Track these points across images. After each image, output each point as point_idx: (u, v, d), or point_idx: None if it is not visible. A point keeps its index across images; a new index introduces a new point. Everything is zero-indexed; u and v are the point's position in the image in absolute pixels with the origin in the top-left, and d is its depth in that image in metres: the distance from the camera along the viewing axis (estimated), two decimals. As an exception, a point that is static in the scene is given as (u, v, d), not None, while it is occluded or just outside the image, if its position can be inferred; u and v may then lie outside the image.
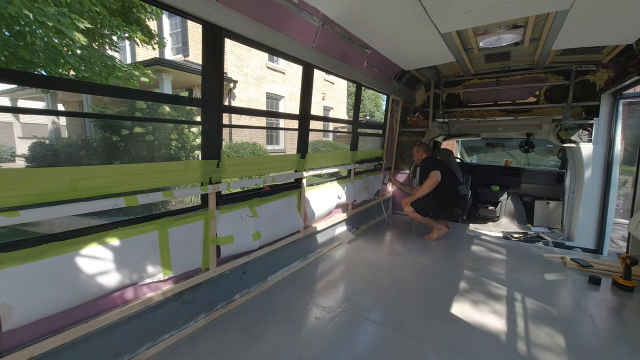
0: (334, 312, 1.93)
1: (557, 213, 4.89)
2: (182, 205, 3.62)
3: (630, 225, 2.61)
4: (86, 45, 4.80)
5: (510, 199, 5.37)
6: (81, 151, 6.86)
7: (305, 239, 2.72)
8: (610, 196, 3.60)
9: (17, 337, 1.14)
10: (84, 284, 1.27)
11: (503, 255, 3.00)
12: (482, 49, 3.00)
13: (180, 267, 1.68)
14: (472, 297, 2.15)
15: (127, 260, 1.42)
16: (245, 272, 2.08)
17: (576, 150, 3.82)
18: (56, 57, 4.40)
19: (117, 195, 1.37)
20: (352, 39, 2.66)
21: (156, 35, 6.38)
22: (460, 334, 1.74)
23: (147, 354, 1.50)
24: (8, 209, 1.07)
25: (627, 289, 2.26)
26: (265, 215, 2.22)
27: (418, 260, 2.86)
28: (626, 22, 2.25)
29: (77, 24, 4.26)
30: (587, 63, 3.39)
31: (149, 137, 6.74)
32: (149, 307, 1.53)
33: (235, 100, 10.16)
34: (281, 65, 11.96)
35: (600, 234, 3.72)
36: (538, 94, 3.81)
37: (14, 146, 13.14)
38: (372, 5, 2.07)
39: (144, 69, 6.01)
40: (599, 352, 1.61)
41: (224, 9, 1.66)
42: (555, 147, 5.42)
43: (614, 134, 3.50)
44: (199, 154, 7.40)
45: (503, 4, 1.99)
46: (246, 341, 1.65)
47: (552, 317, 1.93)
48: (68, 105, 13.66)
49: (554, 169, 5.16)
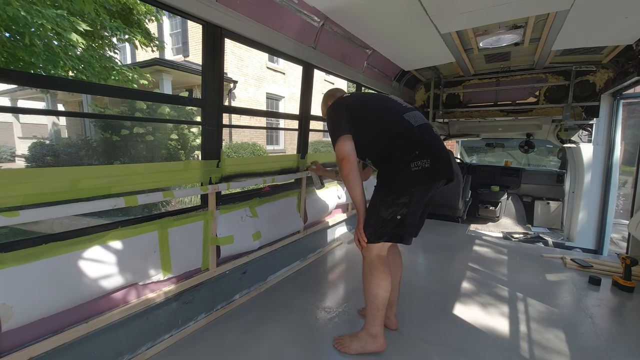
0: (334, 312, 1.93)
1: (557, 213, 4.90)
2: (182, 206, 3.60)
3: (630, 225, 2.61)
4: (85, 47, 4.79)
5: (510, 199, 5.37)
6: (81, 151, 6.86)
7: (305, 239, 2.72)
8: (610, 197, 3.60)
9: (17, 337, 1.14)
10: (84, 284, 1.27)
11: (503, 255, 3.00)
12: (482, 49, 3.00)
13: (180, 267, 1.67)
14: (472, 298, 2.15)
15: (127, 261, 1.42)
16: (245, 272, 2.08)
17: (576, 150, 3.82)
18: (55, 59, 4.41)
19: (117, 195, 1.37)
20: (352, 39, 2.66)
21: (155, 38, 6.38)
22: (460, 334, 1.74)
23: (147, 354, 1.50)
24: (8, 209, 1.07)
25: (627, 289, 2.26)
26: (265, 215, 2.21)
27: (418, 260, 2.86)
28: (626, 22, 2.25)
29: (76, 26, 4.26)
30: (587, 63, 3.39)
31: (149, 137, 6.74)
32: (149, 307, 1.52)
33: (235, 101, 10.16)
34: (281, 66, 11.97)
35: (600, 234, 3.73)
36: (538, 94, 3.81)
37: (14, 146, 13.14)
38: (372, 5, 2.07)
39: (142, 71, 6.01)
40: (599, 352, 1.60)
41: (224, 9, 1.66)
42: (555, 147, 5.42)
43: (614, 134, 3.50)
44: (199, 154, 7.40)
45: (503, 4, 2.00)
46: (246, 341, 1.65)
47: (552, 317, 1.92)
48: (68, 105, 13.66)
49: (554, 169, 5.17)
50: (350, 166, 1.46)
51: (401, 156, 1.41)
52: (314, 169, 2.50)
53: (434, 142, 1.46)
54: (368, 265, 1.52)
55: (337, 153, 1.51)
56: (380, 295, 1.48)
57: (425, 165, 1.37)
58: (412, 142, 1.42)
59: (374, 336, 1.54)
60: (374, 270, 1.50)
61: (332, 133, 1.54)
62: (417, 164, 1.38)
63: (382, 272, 1.49)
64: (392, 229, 1.45)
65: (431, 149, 1.42)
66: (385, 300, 1.50)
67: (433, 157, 1.39)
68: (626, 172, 5.34)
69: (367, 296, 1.52)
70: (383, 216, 1.44)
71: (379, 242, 1.49)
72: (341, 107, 1.60)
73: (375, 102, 1.62)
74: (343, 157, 1.47)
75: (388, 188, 1.45)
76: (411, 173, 1.38)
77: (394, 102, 1.61)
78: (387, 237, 1.47)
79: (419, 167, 1.37)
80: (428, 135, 1.47)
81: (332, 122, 1.58)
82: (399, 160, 1.41)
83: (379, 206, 1.46)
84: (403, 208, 1.42)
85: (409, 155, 1.40)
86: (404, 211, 1.42)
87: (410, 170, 1.38)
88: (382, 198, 1.46)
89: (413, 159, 1.38)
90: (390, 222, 1.44)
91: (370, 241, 1.48)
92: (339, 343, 1.60)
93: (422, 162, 1.37)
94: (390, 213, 1.43)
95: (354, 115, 1.54)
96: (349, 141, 1.49)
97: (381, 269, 1.49)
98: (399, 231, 1.46)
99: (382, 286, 1.48)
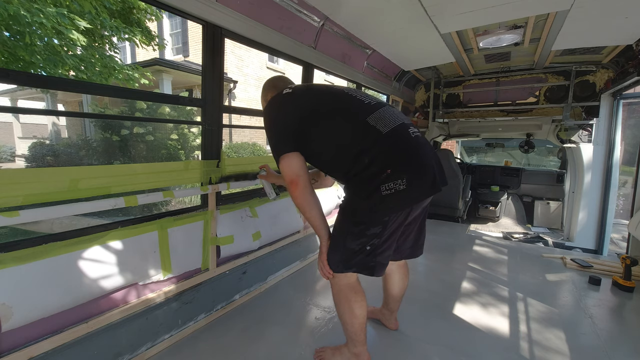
0: (334, 312, 1.93)
1: (557, 213, 4.90)
2: (182, 206, 3.60)
3: (630, 225, 2.61)
4: (86, 46, 4.80)
5: (510, 199, 5.37)
6: (81, 151, 6.87)
7: (305, 239, 2.72)
8: (610, 197, 3.60)
9: (17, 337, 1.14)
10: (83, 284, 1.27)
11: (503, 255, 3.00)
12: (482, 49, 3.00)
13: (180, 268, 1.67)
14: (472, 298, 2.15)
15: (127, 261, 1.42)
16: (245, 272, 2.08)
17: (576, 150, 3.82)
18: (55, 58, 4.41)
19: (117, 195, 1.37)
20: (352, 39, 2.66)
21: (156, 36, 6.38)
22: (460, 334, 1.74)
23: (147, 354, 1.50)
24: (8, 209, 1.07)
25: (627, 289, 2.25)
26: (265, 215, 2.21)
27: (418, 260, 2.85)
28: (626, 22, 2.25)
29: (76, 24, 4.26)
30: (587, 63, 3.39)
31: (149, 137, 6.75)
32: (149, 307, 1.52)
33: (235, 101, 10.16)
34: (281, 66, 11.96)
35: (600, 234, 3.73)
36: (538, 94, 3.82)
37: (14, 146, 13.14)
38: (372, 5, 2.07)
39: (143, 70, 6.01)
40: (599, 353, 1.60)
41: (224, 9, 1.66)
42: (555, 147, 5.43)
43: (614, 134, 3.50)
44: (199, 154, 7.40)
45: (503, 4, 2.00)
46: (246, 341, 1.65)
47: (552, 317, 1.92)
48: (68, 105, 13.66)
49: (554, 169, 5.17)
50: (301, 190, 1.19)
51: (369, 177, 1.10)
52: (264, 175, 1.84)
53: (413, 152, 1.13)
54: (337, 294, 1.32)
55: (283, 174, 1.23)
56: (355, 323, 1.30)
57: (399, 188, 1.06)
58: (382, 157, 1.09)
59: (358, 355, 1.38)
60: (344, 301, 1.30)
61: (274, 147, 1.23)
62: (388, 187, 1.07)
63: (353, 302, 1.29)
64: (361, 260, 1.21)
65: (408, 162, 1.10)
66: (363, 324, 1.32)
67: (411, 174, 1.08)
68: (626, 172, 5.35)
69: (342, 322, 1.35)
70: (350, 247, 1.20)
71: (346, 272, 1.26)
72: (285, 115, 1.25)
73: (329, 104, 1.23)
74: (291, 181, 1.19)
75: (354, 216, 1.18)
76: (382, 199, 1.08)
77: (355, 100, 1.23)
78: (356, 268, 1.23)
79: (391, 191, 1.07)
80: (404, 143, 1.13)
81: (273, 132, 1.26)
82: (367, 181, 1.11)
83: (346, 236, 1.21)
84: (374, 239, 1.17)
85: (378, 175, 1.08)
86: (375, 242, 1.17)
87: (380, 195, 1.08)
88: (349, 227, 1.20)
89: (384, 180, 1.07)
90: (359, 253, 1.20)
91: (338, 271, 1.26)
92: (319, 356, 1.48)
93: (396, 184, 1.06)
94: (359, 244, 1.18)
95: (301, 129, 1.20)
96: (297, 158, 1.21)
97: (352, 298, 1.29)
98: (369, 262, 1.21)
99: (356, 314, 1.29)
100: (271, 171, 1.86)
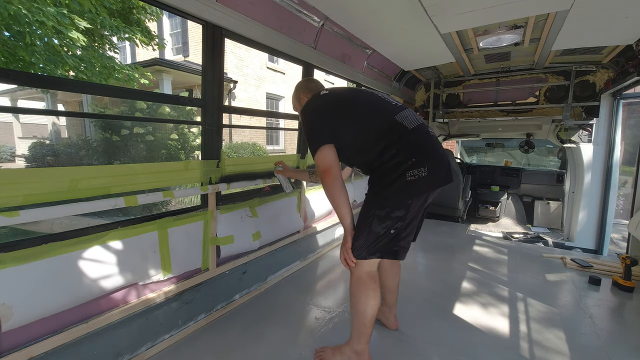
0: (334, 312, 1.93)
1: (557, 213, 4.90)
2: (182, 206, 3.60)
3: (630, 225, 2.61)
4: (86, 46, 4.79)
5: (510, 199, 5.37)
6: (81, 151, 6.87)
7: (305, 239, 2.72)
8: (610, 197, 3.60)
9: (17, 337, 1.14)
10: (83, 284, 1.27)
11: (503, 255, 3.00)
12: (482, 49, 3.00)
13: (180, 268, 1.67)
14: (472, 298, 2.15)
15: (127, 261, 1.42)
16: (245, 272, 2.08)
17: (576, 150, 3.83)
18: (55, 58, 4.40)
19: (117, 195, 1.37)
20: (352, 39, 2.66)
21: (156, 36, 6.38)
22: (460, 334, 1.74)
23: (147, 354, 1.50)
24: (8, 209, 1.07)
25: (627, 290, 2.26)
26: (265, 215, 2.21)
27: (418, 260, 2.86)
28: (626, 22, 2.25)
29: (76, 24, 4.26)
30: (587, 63, 3.39)
31: (149, 137, 6.75)
32: (149, 307, 1.52)
33: (235, 101, 10.16)
34: (281, 66, 11.96)
35: (600, 234, 3.73)
36: (538, 94, 3.82)
37: (14, 146, 13.14)
38: (372, 5, 2.07)
39: (143, 70, 6.01)
40: (599, 352, 1.61)
41: (224, 9, 1.66)
42: (555, 147, 5.43)
43: (614, 134, 3.50)
44: (199, 154, 7.40)
45: (503, 4, 2.00)
46: (246, 341, 1.65)
47: (552, 317, 1.92)
48: (68, 105, 13.66)
49: (554, 169, 5.17)
50: (333, 179, 1.31)
51: (395, 165, 1.27)
52: (280, 170, 2.10)
53: (432, 146, 1.31)
54: (356, 283, 1.39)
55: (318, 164, 1.36)
56: (368, 313, 1.36)
57: (422, 174, 1.23)
58: (408, 148, 1.27)
59: (359, 353, 1.41)
60: (362, 288, 1.37)
61: (312, 141, 1.38)
62: (413, 173, 1.23)
63: (371, 290, 1.36)
64: (385, 244, 1.33)
65: (429, 154, 1.28)
66: (374, 318, 1.39)
67: (431, 164, 1.25)
68: (626, 172, 5.34)
69: (354, 313, 1.40)
70: (376, 231, 1.31)
71: (370, 259, 1.36)
72: (323, 111, 1.43)
73: (362, 104, 1.41)
74: (325, 169, 1.32)
75: (381, 200, 1.31)
76: (407, 183, 1.24)
77: (384, 102, 1.41)
78: (380, 253, 1.35)
79: (415, 177, 1.23)
80: (425, 138, 1.32)
81: (311, 128, 1.42)
82: (393, 169, 1.27)
83: (372, 220, 1.32)
84: (398, 222, 1.30)
85: (404, 163, 1.25)
86: (399, 225, 1.31)
87: (405, 180, 1.24)
88: (375, 211, 1.31)
89: (409, 167, 1.24)
90: (383, 237, 1.32)
91: (361, 257, 1.35)
92: (319, 356, 1.49)
93: (419, 171, 1.23)
94: (384, 227, 1.30)
95: (338, 122, 1.37)
96: (332, 150, 1.35)
97: (371, 287, 1.37)
98: (393, 246, 1.35)
99: (370, 305, 1.36)
100: (287, 166, 2.12)
